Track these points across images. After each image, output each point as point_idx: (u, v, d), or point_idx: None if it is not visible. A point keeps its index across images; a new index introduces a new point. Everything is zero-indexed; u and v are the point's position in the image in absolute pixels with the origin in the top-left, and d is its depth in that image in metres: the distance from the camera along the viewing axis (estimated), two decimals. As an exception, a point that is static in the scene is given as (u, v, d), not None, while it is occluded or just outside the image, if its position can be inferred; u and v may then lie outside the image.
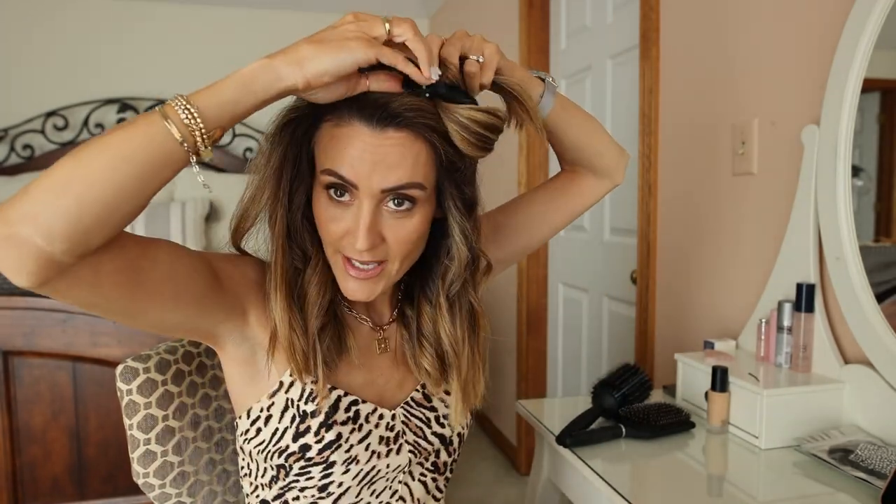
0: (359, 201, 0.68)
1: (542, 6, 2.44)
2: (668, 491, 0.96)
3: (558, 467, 1.18)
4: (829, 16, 1.15)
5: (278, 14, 3.53)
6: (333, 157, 0.68)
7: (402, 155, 0.67)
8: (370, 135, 0.66)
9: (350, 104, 0.66)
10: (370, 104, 0.66)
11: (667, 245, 1.64)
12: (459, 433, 0.86)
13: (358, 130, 0.66)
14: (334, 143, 0.68)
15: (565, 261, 2.41)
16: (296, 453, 0.75)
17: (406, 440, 0.81)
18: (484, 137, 0.69)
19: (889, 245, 1.10)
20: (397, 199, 0.69)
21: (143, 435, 0.84)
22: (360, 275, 0.71)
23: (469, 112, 0.67)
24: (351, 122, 0.67)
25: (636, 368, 1.16)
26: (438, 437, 0.84)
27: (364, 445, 0.77)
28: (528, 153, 2.48)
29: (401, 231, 0.71)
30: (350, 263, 0.71)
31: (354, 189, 0.68)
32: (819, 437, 1.04)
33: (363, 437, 0.77)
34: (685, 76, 1.56)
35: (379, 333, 0.83)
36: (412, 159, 0.68)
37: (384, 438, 0.80)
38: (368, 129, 0.66)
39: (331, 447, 0.75)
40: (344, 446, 0.76)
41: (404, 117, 0.66)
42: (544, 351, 2.57)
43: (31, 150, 3.28)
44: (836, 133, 1.09)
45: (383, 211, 0.69)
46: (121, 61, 3.40)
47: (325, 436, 0.75)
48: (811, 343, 1.15)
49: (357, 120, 0.66)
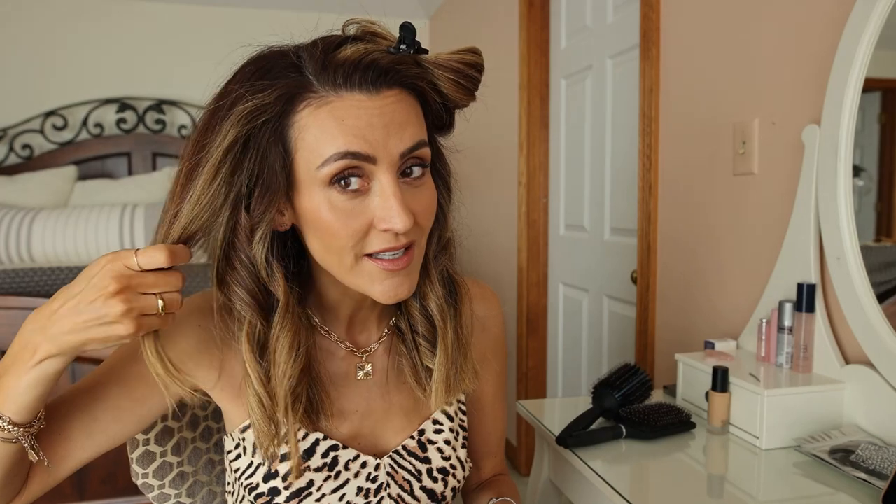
0: (377, 180, 0.60)
1: (542, 6, 2.44)
2: (668, 491, 0.96)
3: (558, 468, 1.18)
4: (829, 15, 1.15)
5: (279, 14, 3.53)
6: (335, 137, 0.58)
7: (406, 111, 0.61)
8: (369, 99, 0.59)
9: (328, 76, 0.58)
10: (355, 68, 0.58)
11: (667, 245, 1.64)
12: (455, 487, 0.77)
13: (352, 99, 0.58)
14: (330, 124, 0.58)
15: (565, 261, 2.41)
16: (265, 495, 0.69)
17: (388, 493, 0.73)
18: (472, 77, 0.65)
19: (890, 245, 1.10)
20: (411, 165, 0.62)
21: (143, 435, 0.84)
22: (396, 266, 0.62)
23: (455, 55, 0.63)
24: (340, 95, 0.58)
25: (636, 368, 1.16)
26: (427, 492, 0.75)
27: (338, 496, 0.70)
28: (529, 153, 2.48)
29: (422, 201, 0.63)
30: (382, 259, 0.62)
31: (371, 164, 0.59)
32: (820, 437, 1.04)
33: (338, 486, 0.70)
34: (685, 76, 1.56)
35: (360, 358, 0.75)
36: (414, 115, 0.62)
37: (363, 490, 0.72)
38: (364, 94, 0.59)
39: (299, 495, 0.69)
40: (315, 495, 0.69)
41: (395, 71, 0.60)
42: (544, 351, 2.57)
43: (30, 149, 3.28)
44: (837, 133, 1.09)
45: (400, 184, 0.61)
46: (120, 61, 3.40)
47: (294, 483, 0.69)
48: (812, 343, 1.14)
49: (346, 90, 0.58)
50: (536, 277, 2.52)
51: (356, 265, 0.62)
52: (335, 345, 0.75)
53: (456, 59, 0.63)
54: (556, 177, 2.45)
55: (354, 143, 0.58)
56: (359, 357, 0.75)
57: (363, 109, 0.59)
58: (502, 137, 2.68)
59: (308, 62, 0.60)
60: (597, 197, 2.16)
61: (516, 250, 2.59)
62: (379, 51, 0.60)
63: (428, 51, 0.63)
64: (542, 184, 2.49)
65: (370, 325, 0.77)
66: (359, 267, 0.62)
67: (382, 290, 0.63)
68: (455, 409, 0.80)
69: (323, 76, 0.59)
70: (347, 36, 0.62)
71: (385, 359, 0.76)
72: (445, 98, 0.65)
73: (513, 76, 2.56)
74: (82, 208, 2.82)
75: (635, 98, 1.83)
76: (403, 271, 0.63)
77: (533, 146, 2.47)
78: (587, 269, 2.24)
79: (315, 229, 0.62)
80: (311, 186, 0.60)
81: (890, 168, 1.10)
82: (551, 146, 2.48)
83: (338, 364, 0.74)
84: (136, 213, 2.81)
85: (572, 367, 2.39)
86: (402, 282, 0.63)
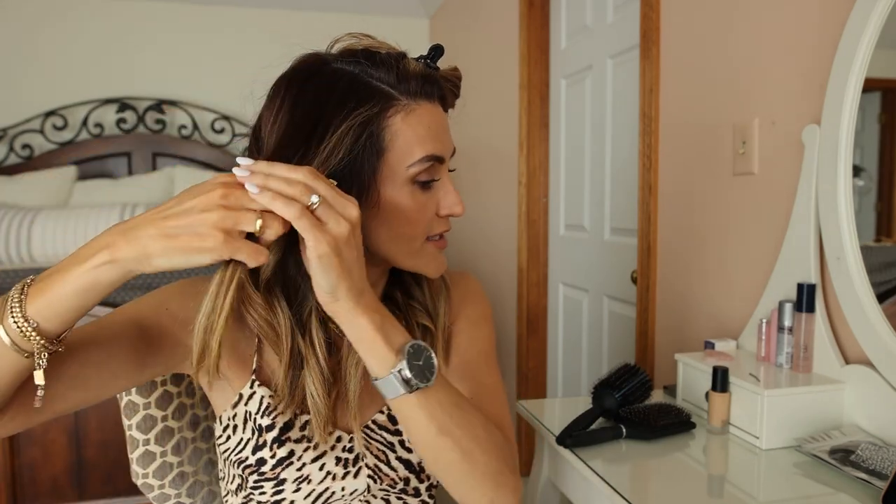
0: (440, 176, 0.72)
1: (542, 6, 2.44)
2: (668, 491, 0.96)
3: (558, 468, 1.18)
4: (829, 15, 1.15)
5: (279, 14, 3.53)
6: (424, 142, 0.69)
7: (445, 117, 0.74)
8: (434, 107, 0.71)
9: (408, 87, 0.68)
10: (425, 81, 0.69)
11: (667, 245, 1.64)
12: None
13: (428, 108, 0.70)
14: (419, 129, 0.68)
15: (565, 261, 2.41)
16: (252, 466, 0.74)
17: (366, 463, 0.77)
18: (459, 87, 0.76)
19: (890, 245, 1.10)
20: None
21: (143, 435, 0.84)
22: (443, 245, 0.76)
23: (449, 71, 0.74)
24: (420, 104, 0.69)
25: (636, 369, 1.16)
26: (404, 462, 0.78)
27: (318, 465, 0.75)
28: (529, 153, 2.48)
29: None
30: (437, 241, 0.74)
31: (440, 164, 0.71)
32: (820, 437, 1.04)
33: (317, 455, 0.75)
34: (685, 76, 1.56)
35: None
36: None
37: (341, 460, 0.76)
38: (431, 103, 0.70)
39: (282, 464, 0.73)
40: (296, 464, 0.74)
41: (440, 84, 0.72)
42: (544, 351, 2.57)
43: (30, 149, 3.28)
44: (837, 133, 1.09)
45: None
46: (120, 61, 3.40)
47: (278, 452, 0.73)
48: (812, 343, 1.14)
49: (424, 99, 0.69)
50: (536, 277, 2.52)
51: (422, 248, 0.73)
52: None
53: (451, 74, 0.75)
54: (556, 177, 2.45)
55: (438, 147, 0.70)
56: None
57: (435, 116, 0.70)
58: (502, 137, 2.68)
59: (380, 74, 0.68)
60: (597, 197, 2.16)
61: (516, 250, 2.58)
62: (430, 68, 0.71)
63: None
64: (542, 184, 2.49)
65: None
66: (422, 249, 0.73)
67: (437, 265, 0.75)
68: None
69: (403, 86, 0.68)
70: (399, 52, 0.71)
71: None
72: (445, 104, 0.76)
73: (513, 76, 2.56)
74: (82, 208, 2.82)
75: (635, 98, 1.83)
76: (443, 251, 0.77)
77: (533, 146, 2.47)
78: (587, 269, 2.24)
79: (394, 218, 0.69)
80: (396, 181, 0.69)
81: (890, 168, 1.10)
82: (551, 146, 2.48)
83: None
84: (136, 213, 2.81)
85: (572, 367, 2.39)
86: (443, 257, 0.77)
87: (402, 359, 0.61)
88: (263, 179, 0.54)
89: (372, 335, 0.61)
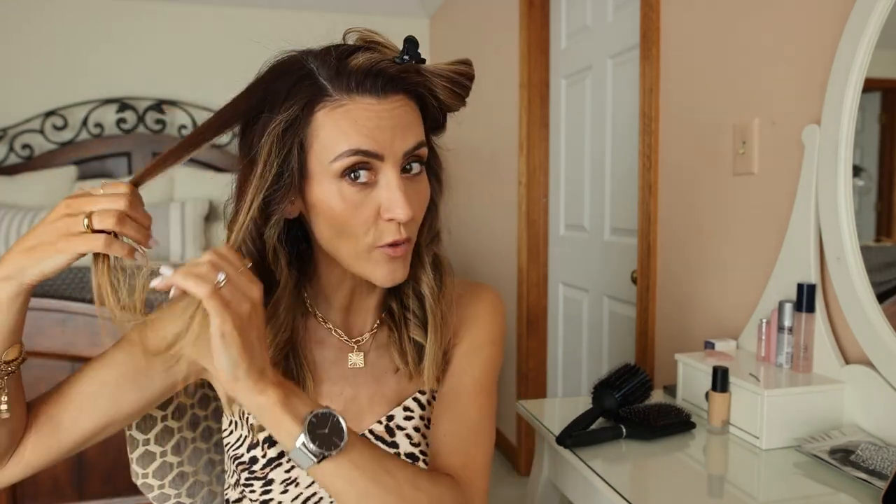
0: (383, 175, 0.67)
1: (542, 6, 2.44)
2: (668, 491, 0.96)
3: (558, 468, 1.18)
4: (829, 15, 1.15)
5: (279, 14, 3.53)
6: (349, 136, 0.65)
7: (409, 115, 0.68)
8: (378, 103, 0.66)
9: (342, 82, 0.65)
10: (366, 75, 0.65)
11: (667, 245, 1.64)
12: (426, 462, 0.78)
13: (363, 103, 0.66)
14: (344, 124, 0.65)
15: (565, 261, 2.41)
16: (245, 463, 0.75)
17: None
18: (465, 86, 0.72)
19: (890, 245, 1.10)
20: (409, 163, 0.69)
21: (143, 435, 0.84)
22: (397, 252, 0.69)
23: (451, 66, 0.70)
24: (353, 98, 0.66)
25: (636, 369, 1.16)
26: None
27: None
28: (529, 153, 2.48)
29: (419, 194, 0.71)
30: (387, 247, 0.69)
31: (378, 161, 0.66)
32: (820, 437, 1.04)
33: None
34: (685, 76, 1.56)
35: (352, 348, 0.79)
36: (416, 118, 0.70)
37: None
38: (374, 98, 0.66)
39: (271, 464, 0.74)
40: (285, 465, 0.74)
41: (400, 78, 0.67)
42: (544, 351, 2.57)
43: (30, 149, 3.28)
44: (837, 133, 1.09)
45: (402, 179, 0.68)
46: (120, 61, 3.40)
47: (268, 452, 0.74)
48: (812, 343, 1.14)
49: (358, 94, 0.66)
50: (536, 277, 2.52)
51: (368, 254, 0.69)
52: (329, 333, 0.79)
53: (451, 70, 0.70)
54: (556, 177, 2.45)
55: (365, 142, 0.65)
56: (350, 346, 0.80)
57: (373, 112, 0.66)
58: (502, 137, 2.68)
59: (321, 69, 0.66)
60: (597, 197, 2.16)
61: (516, 250, 2.59)
62: (386, 60, 0.67)
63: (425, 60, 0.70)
64: (542, 184, 2.49)
65: (365, 313, 0.81)
66: (368, 254, 0.69)
67: (383, 273, 0.70)
68: (427, 398, 0.81)
69: (337, 81, 0.66)
70: (357, 46, 0.68)
71: (376, 349, 0.81)
72: (441, 103, 0.72)
73: (513, 76, 2.56)
74: (82, 208, 2.82)
75: (635, 98, 1.83)
76: (401, 258, 0.71)
77: (533, 146, 2.47)
78: (587, 269, 2.24)
79: (327, 217, 0.68)
80: (323, 179, 0.67)
81: (890, 168, 1.10)
82: (551, 146, 2.48)
83: (329, 352, 0.79)
84: (136, 213, 2.81)
85: (572, 367, 2.39)
86: (399, 267, 0.71)
87: (303, 430, 0.60)
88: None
89: (273, 410, 0.60)
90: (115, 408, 0.70)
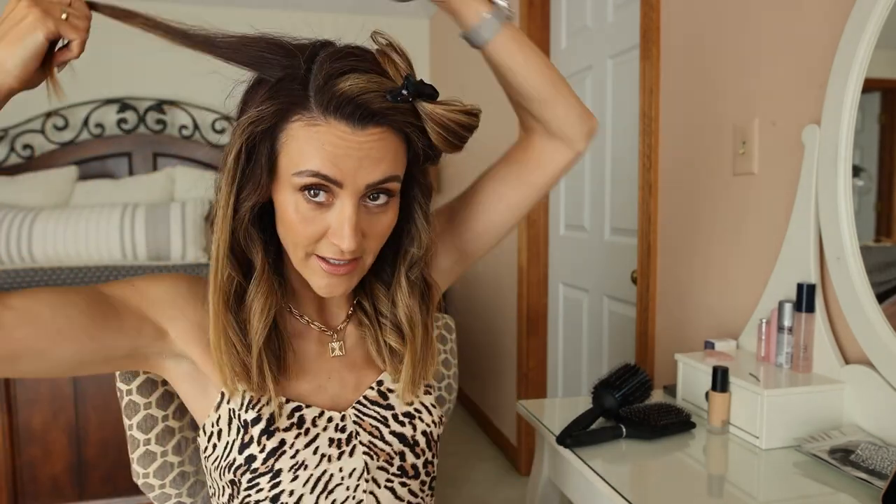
0: (340, 200, 0.67)
1: (542, 6, 2.44)
2: (668, 491, 0.96)
3: (559, 467, 1.18)
4: (829, 15, 1.15)
5: (279, 14, 3.53)
6: (313, 156, 0.65)
7: (384, 149, 0.67)
8: (352, 132, 0.65)
9: (323, 100, 0.64)
10: (347, 102, 0.64)
11: (667, 245, 1.64)
12: (425, 431, 0.80)
13: (337, 128, 0.65)
14: (312, 143, 0.65)
15: (565, 261, 2.41)
16: (242, 465, 0.73)
17: (360, 441, 0.77)
18: (461, 137, 0.70)
19: (890, 245, 1.10)
20: (376, 193, 0.69)
21: (143, 435, 0.84)
22: (337, 271, 0.70)
23: (451, 114, 0.68)
24: (328, 121, 0.65)
25: (636, 368, 1.16)
26: (398, 436, 0.79)
27: (312, 449, 0.74)
28: (529, 153, 2.48)
29: (378, 226, 0.71)
30: (327, 262, 0.70)
31: (338, 188, 0.66)
32: (820, 437, 1.04)
33: (310, 440, 0.74)
34: (685, 76, 1.56)
35: (332, 337, 0.81)
36: (392, 153, 0.68)
37: (334, 440, 0.76)
38: (349, 126, 0.65)
39: (274, 454, 0.73)
40: (289, 452, 0.73)
41: (384, 115, 0.65)
42: (544, 351, 2.57)
43: (30, 149, 3.28)
44: (837, 133, 1.09)
45: (361, 207, 0.68)
46: (121, 61, 3.39)
47: (267, 444, 0.73)
48: (812, 343, 1.15)
49: (334, 118, 0.64)
50: (536, 277, 2.53)
51: (306, 260, 0.71)
52: (306, 327, 0.80)
53: (450, 117, 0.68)
54: (556, 177, 2.45)
55: (327, 167, 0.65)
56: (329, 336, 0.81)
57: (343, 140, 0.65)
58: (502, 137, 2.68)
59: (317, 76, 0.66)
60: (597, 197, 2.16)
61: (516, 250, 2.59)
62: (375, 92, 0.65)
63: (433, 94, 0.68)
64: (542, 184, 2.49)
65: (338, 303, 0.83)
66: (307, 261, 0.71)
67: (320, 285, 0.72)
68: None
69: (319, 98, 0.65)
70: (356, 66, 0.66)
71: (355, 335, 0.83)
72: (430, 145, 0.71)
73: (513, 76, 2.56)
74: (83, 208, 2.82)
75: (635, 98, 1.83)
76: (344, 276, 0.71)
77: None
78: (587, 269, 2.24)
79: (281, 220, 0.71)
80: (286, 186, 0.68)
81: (890, 168, 1.10)
82: (551, 146, 2.47)
83: (309, 344, 0.80)
84: (137, 213, 2.81)
85: (572, 367, 2.39)
86: (340, 283, 0.72)
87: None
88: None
89: None
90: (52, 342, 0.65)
